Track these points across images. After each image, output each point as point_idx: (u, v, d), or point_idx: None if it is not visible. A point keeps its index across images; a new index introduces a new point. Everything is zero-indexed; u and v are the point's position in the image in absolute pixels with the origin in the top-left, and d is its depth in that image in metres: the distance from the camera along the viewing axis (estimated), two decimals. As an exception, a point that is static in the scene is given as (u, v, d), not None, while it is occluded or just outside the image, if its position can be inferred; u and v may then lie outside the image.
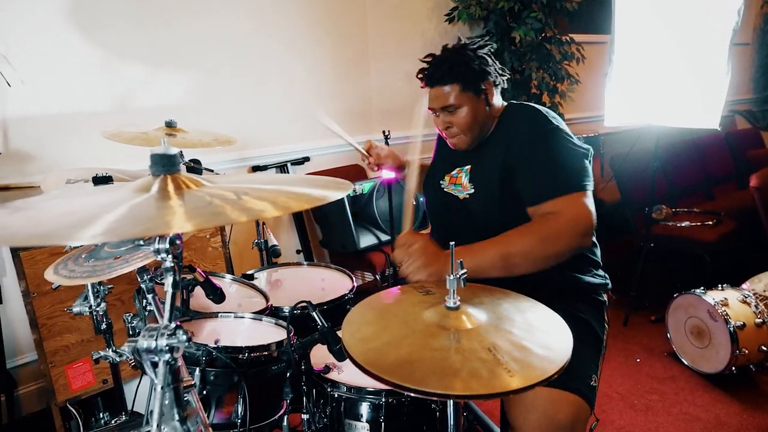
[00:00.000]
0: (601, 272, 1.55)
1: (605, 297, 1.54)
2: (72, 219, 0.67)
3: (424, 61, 1.49)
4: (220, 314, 1.50)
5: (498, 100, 1.51)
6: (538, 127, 1.40)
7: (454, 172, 1.56)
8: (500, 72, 1.50)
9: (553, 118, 1.42)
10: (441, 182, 1.60)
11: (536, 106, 1.48)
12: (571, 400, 1.22)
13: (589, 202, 1.32)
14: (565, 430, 1.20)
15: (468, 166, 1.53)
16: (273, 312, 1.61)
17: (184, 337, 0.75)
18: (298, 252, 3.13)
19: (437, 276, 1.24)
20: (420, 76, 1.49)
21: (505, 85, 1.53)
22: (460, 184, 1.53)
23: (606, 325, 1.49)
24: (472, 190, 1.48)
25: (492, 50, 1.50)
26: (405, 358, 0.91)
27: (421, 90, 1.53)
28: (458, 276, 1.00)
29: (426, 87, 1.49)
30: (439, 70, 1.43)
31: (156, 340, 0.74)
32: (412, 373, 0.87)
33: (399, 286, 1.22)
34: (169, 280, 0.79)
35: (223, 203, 0.71)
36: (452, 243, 1.00)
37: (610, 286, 1.57)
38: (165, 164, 0.76)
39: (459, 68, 1.41)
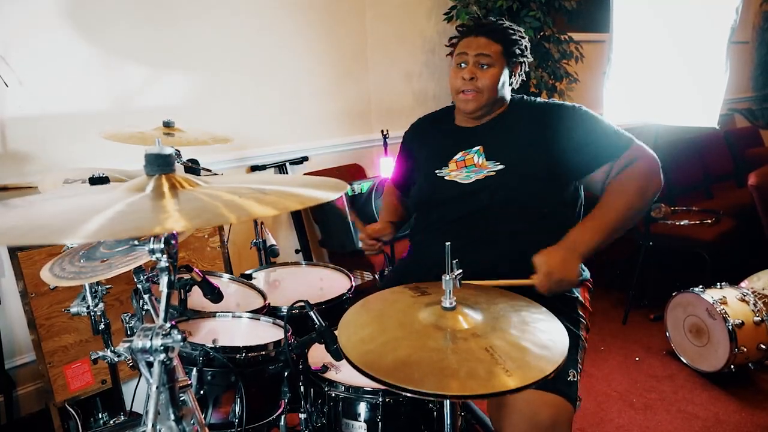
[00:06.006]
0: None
1: (578, 292, 1.51)
2: (65, 218, 0.67)
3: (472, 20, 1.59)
4: (217, 314, 1.50)
5: (509, 89, 1.56)
6: (562, 110, 1.47)
7: (458, 156, 1.52)
8: (523, 73, 1.58)
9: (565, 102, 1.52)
10: (438, 171, 1.54)
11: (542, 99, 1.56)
12: (550, 400, 1.21)
13: (646, 147, 1.43)
14: (546, 430, 1.19)
15: (477, 147, 1.50)
16: (271, 311, 1.61)
17: (179, 337, 0.75)
18: (297, 252, 3.13)
19: (579, 266, 1.34)
20: (465, 26, 1.54)
21: (517, 86, 1.58)
22: (473, 165, 1.49)
23: (582, 320, 1.46)
24: (501, 166, 1.45)
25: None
26: (403, 359, 0.91)
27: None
28: (455, 276, 1.00)
29: (463, 39, 1.51)
30: (493, 24, 1.50)
31: (151, 340, 0.74)
32: (410, 374, 0.87)
33: (393, 288, 1.22)
34: (164, 280, 0.79)
35: (218, 203, 0.71)
36: (448, 243, 1.00)
37: (586, 276, 1.57)
38: (160, 164, 0.76)
39: (510, 35, 1.49)
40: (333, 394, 1.30)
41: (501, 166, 1.45)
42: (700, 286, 2.47)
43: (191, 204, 0.71)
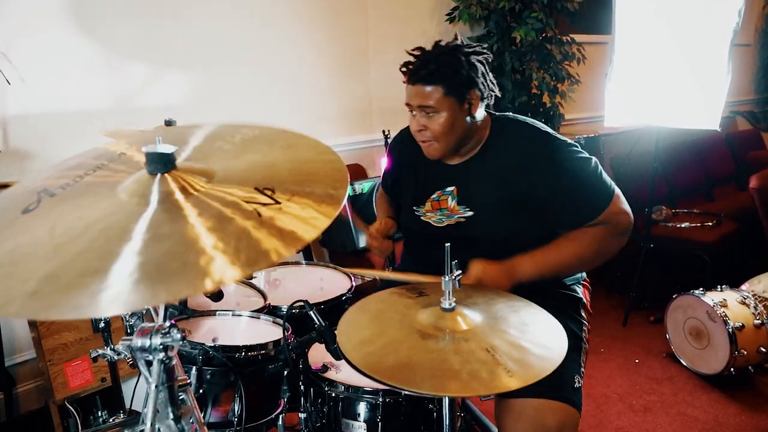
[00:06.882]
0: None
1: (581, 292, 1.51)
2: (70, 276, 0.57)
3: (411, 54, 1.38)
4: (217, 313, 1.50)
5: (481, 114, 1.41)
6: (548, 149, 1.36)
7: (434, 196, 1.47)
8: (490, 85, 1.40)
9: (554, 134, 1.39)
10: (416, 209, 1.51)
11: (529, 122, 1.43)
12: (557, 407, 1.21)
13: (624, 201, 1.36)
14: None
15: (452, 188, 1.44)
16: (271, 311, 1.61)
17: (179, 336, 0.75)
18: (297, 251, 3.13)
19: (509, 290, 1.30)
20: (403, 70, 1.38)
21: (492, 101, 1.43)
22: (446, 208, 1.45)
23: (584, 321, 1.46)
24: (470, 213, 1.42)
25: (488, 59, 1.40)
26: (404, 361, 0.91)
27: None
28: (454, 277, 1.00)
29: (407, 83, 1.38)
30: (425, 68, 1.32)
31: (150, 338, 0.74)
32: (412, 376, 0.87)
33: (392, 289, 1.22)
34: (164, 279, 0.78)
35: (257, 229, 0.64)
36: (447, 245, 1.00)
37: (584, 277, 1.57)
38: (161, 162, 0.76)
39: (446, 71, 1.31)
40: (333, 394, 1.30)
41: (470, 213, 1.42)
42: (701, 289, 2.47)
43: (230, 234, 0.64)
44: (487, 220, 1.41)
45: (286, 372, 1.34)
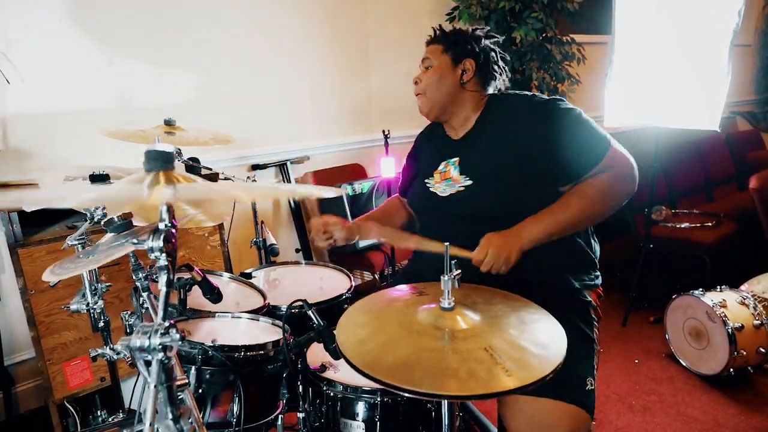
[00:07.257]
0: (594, 272, 1.53)
1: (590, 296, 1.51)
2: (68, 190, 0.69)
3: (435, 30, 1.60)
4: (217, 314, 1.50)
5: (476, 88, 1.51)
6: (538, 107, 1.42)
7: (441, 167, 1.53)
8: (494, 67, 1.52)
9: (539, 95, 1.47)
10: (427, 181, 1.57)
11: (523, 92, 1.51)
12: (569, 411, 1.20)
13: (621, 146, 1.39)
14: None
15: (455, 159, 1.50)
16: (270, 311, 1.61)
17: (178, 336, 0.75)
18: (297, 251, 3.13)
19: (520, 253, 1.32)
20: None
21: (499, 85, 1.55)
22: (450, 178, 1.49)
23: (595, 323, 1.47)
24: (469, 182, 1.45)
25: (498, 43, 1.55)
26: (403, 360, 0.91)
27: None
28: (453, 276, 1.00)
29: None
30: (436, 33, 1.57)
31: (149, 338, 0.74)
32: (410, 374, 0.86)
33: (392, 288, 1.22)
34: (163, 279, 0.78)
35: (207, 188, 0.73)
36: (447, 244, 1.00)
37: (598, 283, 1.56)
38: (159, 161, 0.76)
39: (448, 34, 1.54)
40: (331, 394, 1.30)
41: (469, 182, 1.45)
42: (700, 289, 2.47)
43: (184, 189, 0.75)
44: (486, 188, 1.43)
45: (285, 372, 1.34)
